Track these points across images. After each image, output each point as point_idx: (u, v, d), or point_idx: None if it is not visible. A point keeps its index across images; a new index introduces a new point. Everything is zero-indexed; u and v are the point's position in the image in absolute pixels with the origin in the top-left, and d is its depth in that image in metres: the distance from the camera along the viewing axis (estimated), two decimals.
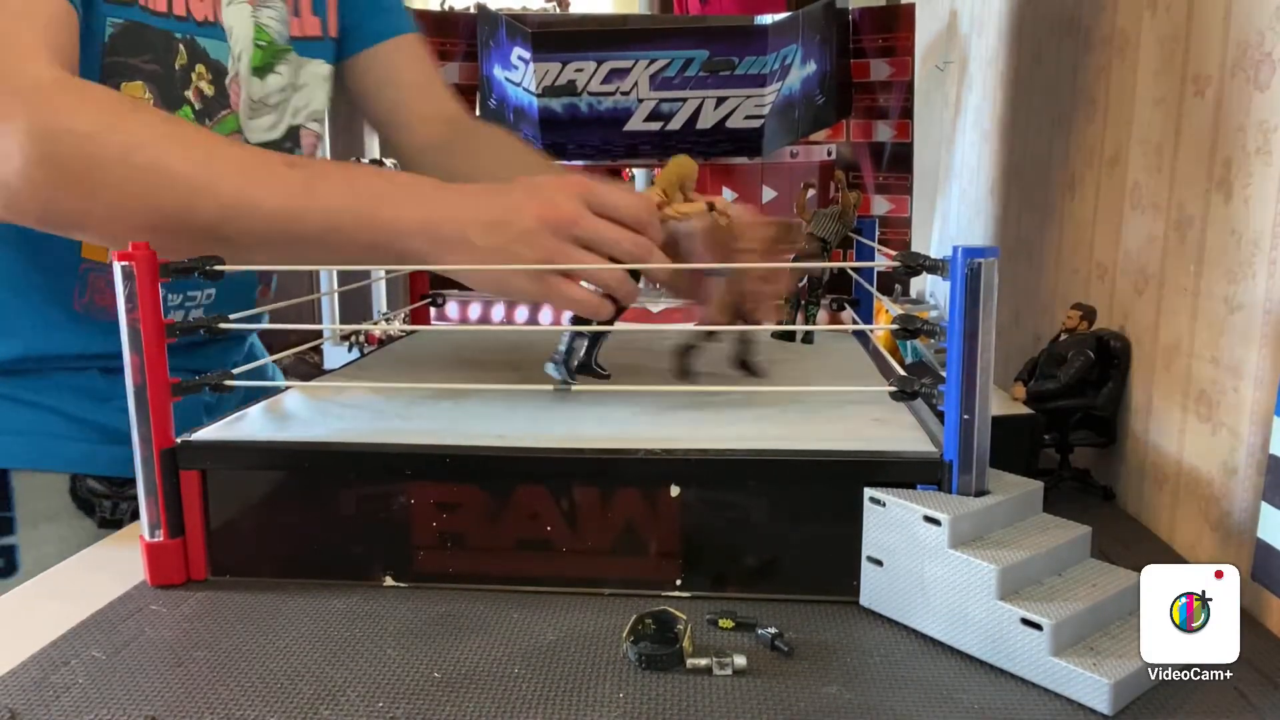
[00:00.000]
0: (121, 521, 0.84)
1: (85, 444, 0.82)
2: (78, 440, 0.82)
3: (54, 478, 0.81)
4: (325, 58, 0.92)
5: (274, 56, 0.87)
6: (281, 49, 0.87)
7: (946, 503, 0.54)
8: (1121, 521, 0.74)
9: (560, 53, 1.12)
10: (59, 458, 0.81)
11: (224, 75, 0.81)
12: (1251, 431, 0.61)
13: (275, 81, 0.87)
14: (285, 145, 0.90)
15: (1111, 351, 0.79)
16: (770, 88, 1.11)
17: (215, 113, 0.81)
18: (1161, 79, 0.75)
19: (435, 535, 0.60)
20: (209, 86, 0.80)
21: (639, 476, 0.58)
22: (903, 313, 0.59)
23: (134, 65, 0.75)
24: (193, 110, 0.79)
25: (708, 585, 0.59)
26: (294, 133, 0.91)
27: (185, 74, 0.78)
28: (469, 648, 0.53)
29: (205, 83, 0.79)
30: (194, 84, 0.79)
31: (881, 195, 1.25)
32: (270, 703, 0.48)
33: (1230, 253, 0.63)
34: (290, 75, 0.89)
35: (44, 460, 0.80)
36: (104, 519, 0.83)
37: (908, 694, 0.48)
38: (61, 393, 0.81)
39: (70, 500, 0.81)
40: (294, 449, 0.62)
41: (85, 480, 0.82)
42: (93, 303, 0.81)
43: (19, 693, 0.49)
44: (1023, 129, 1.15)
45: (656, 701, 0.48)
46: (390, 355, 0.93)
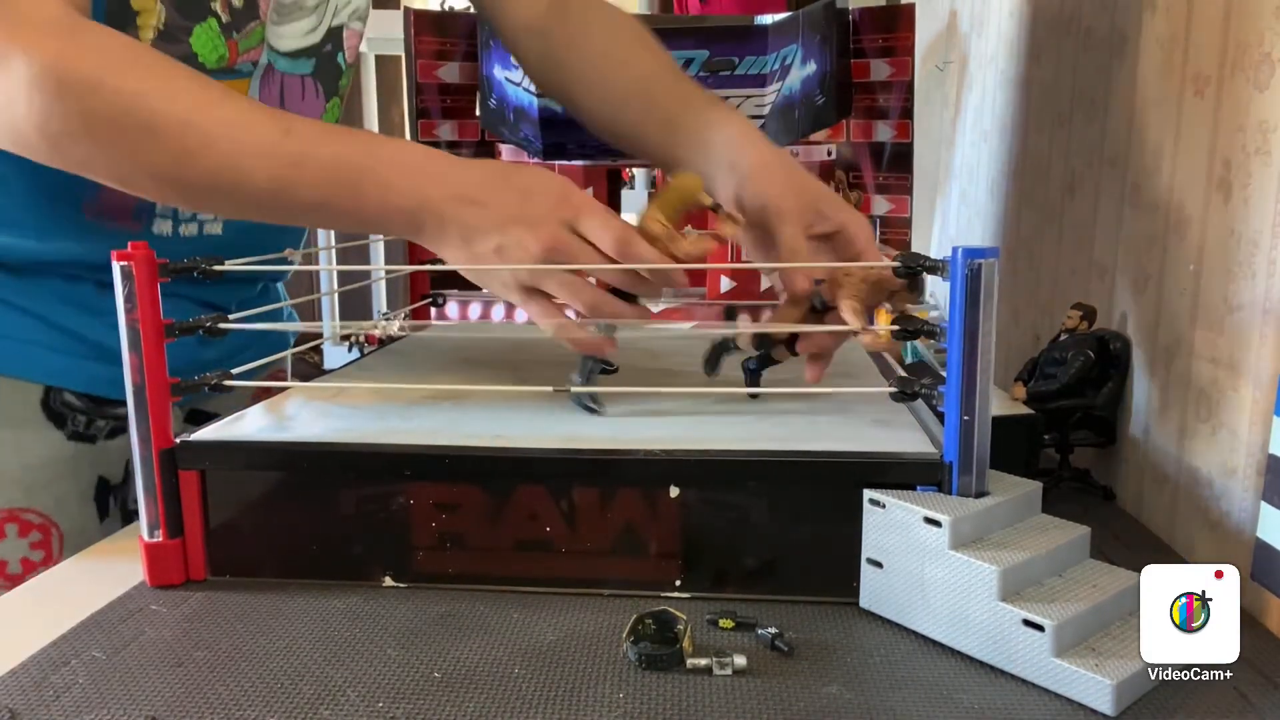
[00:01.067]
0: (95, 438, 0.82)
1: (68, 356, 0.79)
2: (60, 352, 0.79)
3: (27, 386, 0.78)
4: None
5: None
6: None
7: (947, 504, 0.54)
8: (1121, 521, 0.74)
9: None
10: (38, 367, 0.78)
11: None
12: (1251, 431, 0.61)
13: None
14: (326, 48, 0.85)
15: (1111, 351, 0.79)
16: (770, 88, 1.11)
17: (243, 25, 0.77)
18: (1161, 79, 0.75)
19: (435, 536, 0.60)
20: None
21: (639, 477, 0.58)
22: (903, 313, 0.59)
23: None
24: (219, 23, 0.75)
25: (707, 586, 0.59)
26: (336, 34, 0.85)
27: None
28: (469, 648, 0.53)
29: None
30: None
31: (881, 195, 1.25)
32: (270, 703, 0.48)
33: (1230, 252, 0.63)
34: None
35: (20, 368, 0.78)
36: (75, 433, 0.81)
37: (908, 694, 0.48)
38: (53, 301, 0.78)
39: (40, 411, 0.79)
40: (294, 449, 0.62)
41: (62, 393, 0.79)
42: (103, 213, 0.78)
43: (19, 693, 0.49)
44: (1023, 129, 1.15)
45: (656, 701, 0.48)
46: (390, 355, 0.93)
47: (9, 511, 0.78)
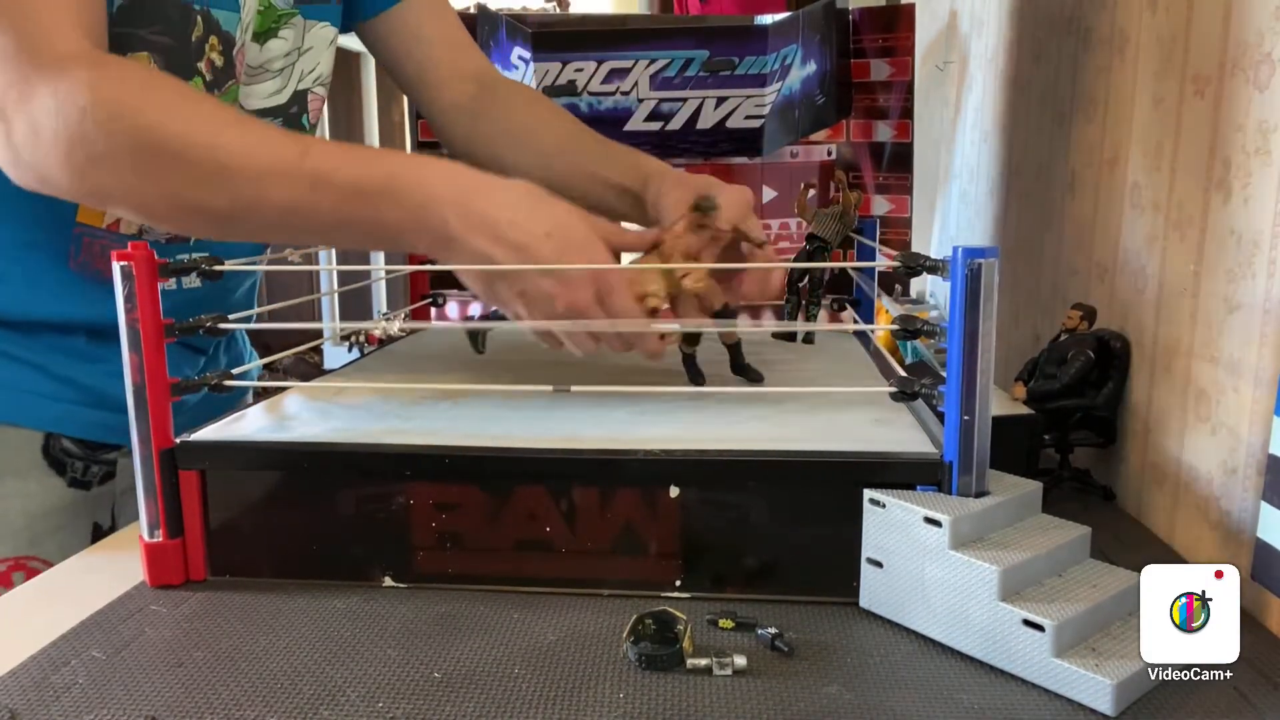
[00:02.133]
0: (90, 484, 0.83)
1: (64, 404, 0.82)
2: (57, 400, 0.81)
3: (29, 434, 0.80)
4: (331, 21, 0.91)
5: (277, 21, 0.85)
6: (285, 13, 0.86)
7: (947, 504, 0.54)
8: (1121, 521, 0.74)
9: (560, 53, 1.12)
10: (37, 416, 0.80)
11: (233, 46, 0.81)
12: (1251, 431, 0.61)
13: (279, 46, 0.85)
14: (291, 110, 0.89)
15: (1111, 351, 0.79)
16: (770, 88, 1.11)
17: (223, 84, 0.81)
18: (1161, 79, 0.75)
19: (435, 536, 0.60)
20: (219, 58, 0.79)
21: (639, 477, 0.58)
22: (903, 313, 0.59)
23: (141, 37, 0.74)
24: (204, 81, 0.79)
25: (707, 586, 0.59)
26: (301, 97, 0.90)
27: (200, 45, 0.78)
28: (469, 648, 0.53)
29: (216, 54, 0.79)
30: (206, 55, 0.78)
31: (881, 195, 1.25)
32: (270, 703, 0.48)
33: (1230, 253, 0.63)
34: (295, 39, 0.87)
35: (21, 416, 0.80)
36: (74, 479, 0.83)
37: (908, 694, 0.48)
38: (47, 351, 0.80)
39: (42, 458, 0.81)
40: (294, 449, 0.62)
41: (60, 440, 0.81)
42: (87, 264, 0.80)
43: (19, 693, 0.49)
44: (1023, 129, 1.15)
45: (656, 701, 0.48)
46: (390, 355, 0.93)
47: (15, 560, 0.79)
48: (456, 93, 0.96)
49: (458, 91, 0.96)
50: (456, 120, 0.96)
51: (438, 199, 0.63)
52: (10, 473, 0.79)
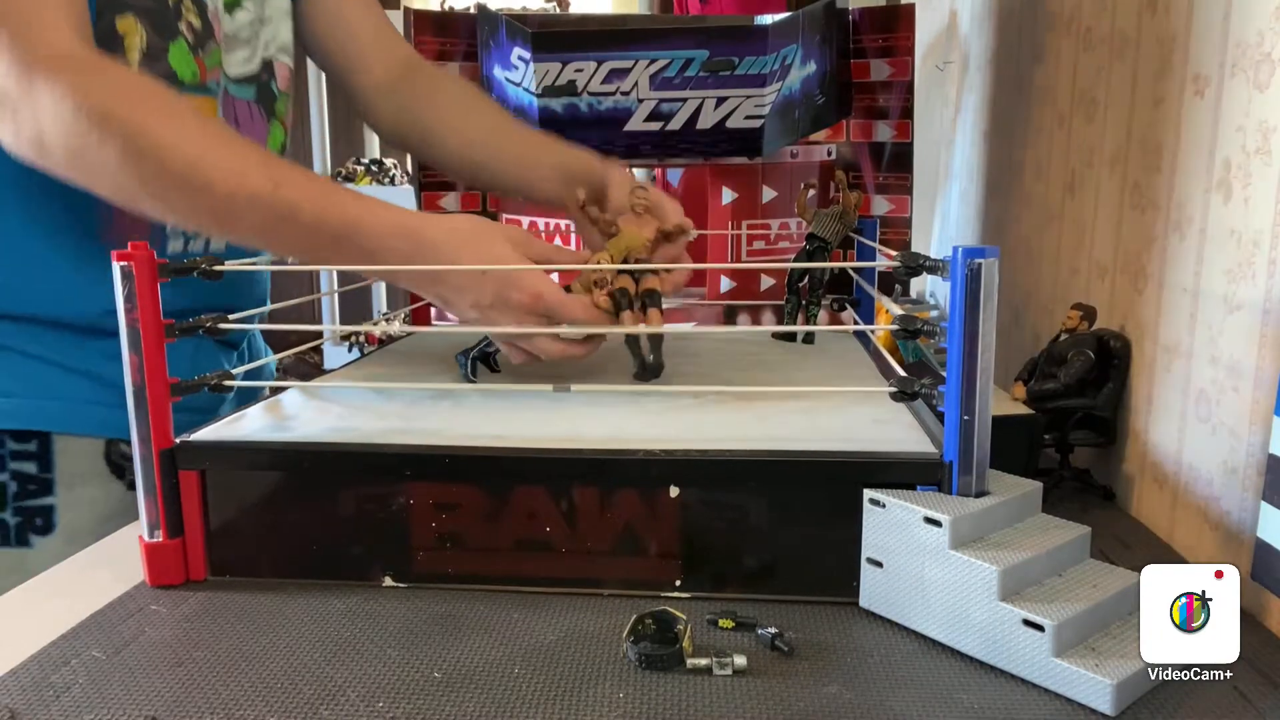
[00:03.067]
0: None
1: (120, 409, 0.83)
2: (112, 405, 0.83)
3: (90, 441, 0.83)
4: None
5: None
6: None
7: (947, 504, 0.54)
8: (1121, 521, 0.74)
9: (560, 53, 1.12)
10: (95, 422, 0.83)
11: (205, 9, 0.84)
12: (1251, 431, 0.61)
13: (243, 16, 0.89)
14: (263, 77, 0.92)
15: (1111, 351, 0.79)
16: (770, 88, 1.11)
17: (205, 44, 0.83)
18: (1161, 79, 0.75)
19: (435, 536, 0.60)
20: (196, 19, 0.82)
21: (638, 477, 0.58)
22: (903, 313, 0.59)
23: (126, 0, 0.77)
24: (187, 43, 0.81)
25: (707, 586, 0.59)
26: (269, 65, 0.93)
27: (177, 6, 0.81)
28: (469, 648, 0.53)
29: (193, 16, 0.82)
30: (184, 17, 0.81)
31: (881, 195, 1.25)
32: (270, 703, 0.48)
33: (1230, 253, 0.63)
34: (257, 9, 0.91)
35: (82, 425, 0.83)
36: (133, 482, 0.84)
37: (908, 694, 0.48)
38: (98, 358, 0.83)
39: (104, 464, 0.84)
40: (294, 449, 0.62)
41: (118, 444, 0.84)
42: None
43: (19, 693, 0.49)
44: (1023, 129, 1.15)
45: (656, 701, 0.48)
46: (390, 355, 0.93)
47: None
48: (383, 74, 0.99)
49: (385, 72, 0.99)
50: (384, 101, 0.99)
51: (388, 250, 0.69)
52: (79, 480, 0.83)
